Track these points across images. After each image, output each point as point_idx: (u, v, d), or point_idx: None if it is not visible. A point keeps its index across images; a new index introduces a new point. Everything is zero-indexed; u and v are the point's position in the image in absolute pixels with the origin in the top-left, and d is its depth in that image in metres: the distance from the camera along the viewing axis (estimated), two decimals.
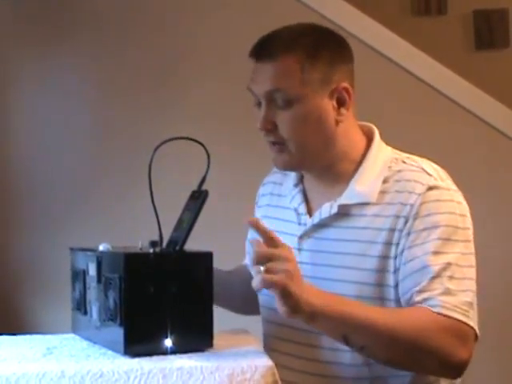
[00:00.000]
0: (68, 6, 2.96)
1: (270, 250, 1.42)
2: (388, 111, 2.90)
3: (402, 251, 1.56)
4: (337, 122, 1.63)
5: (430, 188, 1.57)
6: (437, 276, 1.51)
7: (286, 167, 1.69)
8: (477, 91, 2.95)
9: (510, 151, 2.93)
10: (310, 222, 1.67)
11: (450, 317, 1.49)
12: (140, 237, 1.56)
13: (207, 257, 1.49)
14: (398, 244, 1.56)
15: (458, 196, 1.61)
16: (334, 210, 1.63)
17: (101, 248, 1.53)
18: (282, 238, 1.65)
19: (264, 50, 1.62)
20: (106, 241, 1.56)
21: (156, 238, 1.50)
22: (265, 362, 1.35)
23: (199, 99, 2.94)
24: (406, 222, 1.56)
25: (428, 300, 1.51)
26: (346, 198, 1.63)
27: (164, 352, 1.40)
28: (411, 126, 2.89)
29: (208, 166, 1.51)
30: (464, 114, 2.92)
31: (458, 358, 1.49)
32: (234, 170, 2.91)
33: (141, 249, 1.52)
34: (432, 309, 1.50)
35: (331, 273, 1.62)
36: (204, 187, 1.52)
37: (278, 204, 1.78)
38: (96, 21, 2.98)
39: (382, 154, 1.67)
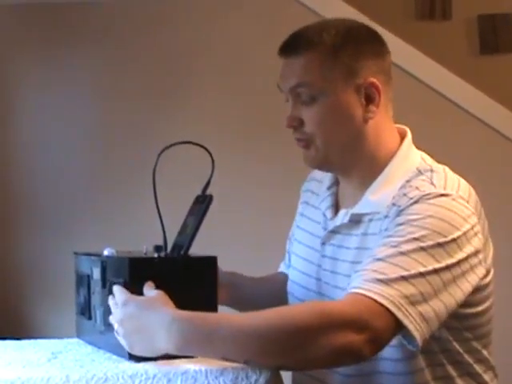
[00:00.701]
0: (72, 9, 2.96)
1: (116, 314, 1.42)
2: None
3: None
4: (365, 120, 1.59)
5: (425, 194, 1.49)
6: (378, 259, 1.41)
7: (313, 164, 1.63)
8: (481, 95, 2.95)
9: None
10: (330, 226, 1.65)
11: (361, 294, 1.36)
12: (145, 241, 1.56)
13: (211, 261, 1.49)
14: None
15: (459, 207, 1.48)
16: (347, 218, 1.60)
17: (105, 253, 1.53)
18: (311, 240, 1.68)
19: (289, 46, 1.61)
20: (110, 245, 1.56)
21: (160, 242, 1.50)
22: None
23: (203, 104, 2.94)
24: (389, 222, 1.50)
25: (353, 280, 1.41)
26: (359, 208, 1.59)
27: (169, 356, 1.39)
28: (415, 129, 2.85)
29: (212, 171, 1.51)
30: (468, 118, 2.92)
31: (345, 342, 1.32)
32: (236, 176, 2.91)
33: (145, 253, 1.52)
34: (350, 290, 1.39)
35: (346, 282, 1.53)
36: (208, 192, 1.52)
37: (314, 204, 1.75)
38: (100, 27, 2.98)
39: (406, 164, 1.60)
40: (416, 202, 1.48)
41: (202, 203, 1.50)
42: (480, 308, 1.56)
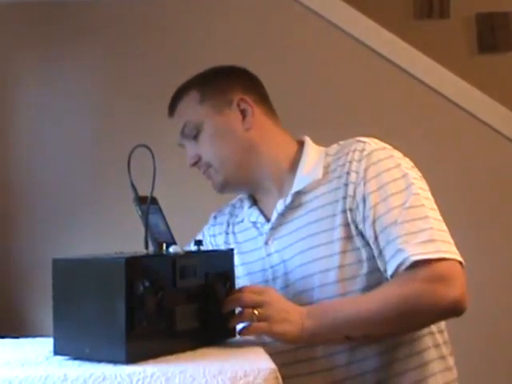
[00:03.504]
0: (72, 7, 2.96)
1: (259, 298, 1.55)
2: (390, 114, 2.90)
3: (364, 215, 1.64)
4: (247, 130, 1.78)
5: (368, 153, 1.67)
6: (398, 226, 1.60)
7: (223, 187, 1.81)
8: (480, 94, 2.95)
9: None
10: (268, 226, 1.78)
11: (423, 262, 1.55)
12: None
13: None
14: (351, 209, 1.66)
15: (396, 152, 1.71)
16: (288, 199, 1.75)
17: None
18: (251, 256, 1.81)
19: (170, 106, 1.86)
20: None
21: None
22: (267, 365, 1.34)
23: None
24: (355, 188, 1.66)
25: (398, 254, 1.58)
26: (296, 187, 1.74)
27: None
28: (414, 128, 2.89)
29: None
30: (467, 116, 2.92)
31: (448, 301, 1.55)
32: None
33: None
34: (405, 264, 1.56)
35: (303, 257, 1.70)
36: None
37: (239, 230, 1.88)
38: (100, 24, 2.98)
39: (316, 149, 1.80)
40: (369, 165, 1.66)
41: (154, 204, 1.58)
42: None
